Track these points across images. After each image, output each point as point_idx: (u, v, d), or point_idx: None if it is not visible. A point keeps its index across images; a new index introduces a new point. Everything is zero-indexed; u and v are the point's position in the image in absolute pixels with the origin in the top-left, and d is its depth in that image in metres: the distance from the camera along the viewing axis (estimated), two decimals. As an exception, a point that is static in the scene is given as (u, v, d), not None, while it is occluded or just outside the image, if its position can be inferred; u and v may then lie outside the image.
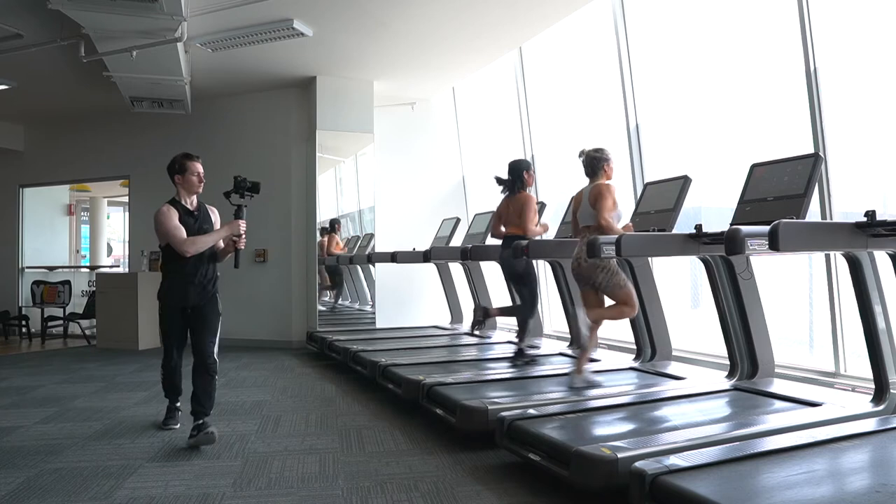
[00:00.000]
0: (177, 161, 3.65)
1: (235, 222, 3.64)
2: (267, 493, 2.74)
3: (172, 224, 3.51)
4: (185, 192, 3.66)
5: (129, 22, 4.77)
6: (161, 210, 3.58)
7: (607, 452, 2.36)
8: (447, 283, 6.88)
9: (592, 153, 3.89)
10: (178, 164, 3.63)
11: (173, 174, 3.64)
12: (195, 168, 3.67)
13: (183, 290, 3.58)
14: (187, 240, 3.51)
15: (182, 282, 3.57)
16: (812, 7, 3.76)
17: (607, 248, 3.36)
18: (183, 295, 3.59)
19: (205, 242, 3.55)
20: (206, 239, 3.56)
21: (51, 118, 8.56)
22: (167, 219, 3.54)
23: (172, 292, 3.62)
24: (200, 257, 3.57)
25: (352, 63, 6.66)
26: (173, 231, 3.50)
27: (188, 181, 3.64)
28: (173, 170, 3.64)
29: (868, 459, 2.43)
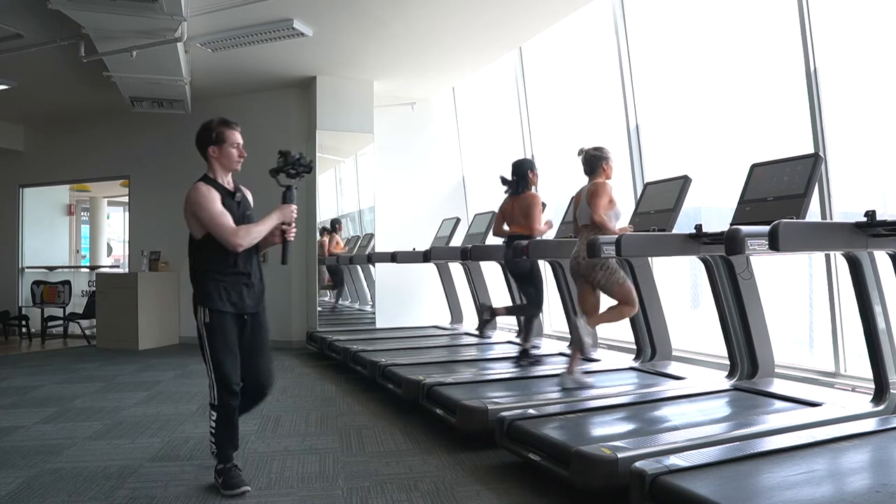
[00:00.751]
0: (212, 128, 2.89)
1: (287, 207, 2.93)
2: (267, 493, 2.74)
3: (217, 209, 2.72)
4: (221, 168, 2.90)
5: (129, 22, 4.77)
6: (198, 189, 2.75)
7: (607, 452, 2.36)
8: (447, 283, 6.88)
9: (592, 152, 3.89)
10: (214, 133, 2.88)
11: (206, 145, 2.89)
12: (234, 138, 2.92)
13: (238, 292, 2.79)
14: (239, 229, 2.73)
15: (234, 282, 2.79)
16: (812, 7, 3.76)
17: (607, 248, 3.36)
18: (239, 298, 2.79)
19: (259, 233, 2.80)
20: (259, 229, 2.81)
21: (51, 118, 8.56)
22: (209, 201, 2.71)
23: (224, 295, 2.77)
24: (249, 251, 2.82)
25: (352, 63, 6.66)
26: (219, 218, 2.70)
27: (226, 154, 2.88)
28: (207, 139, 2.89)
29: (868, 459, 2.43)
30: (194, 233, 2.77)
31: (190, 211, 2.73)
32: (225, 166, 2.91)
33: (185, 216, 2.75)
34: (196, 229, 2.76)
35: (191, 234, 2.79)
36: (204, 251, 2.78)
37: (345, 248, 7.75)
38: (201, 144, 2.91)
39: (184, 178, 8.41)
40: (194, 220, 2.73)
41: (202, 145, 2.91)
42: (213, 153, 2.89)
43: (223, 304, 2.76)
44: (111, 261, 12.60)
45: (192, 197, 2.75)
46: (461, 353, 5.24)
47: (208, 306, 2.76)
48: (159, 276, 7.71)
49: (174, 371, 5.83)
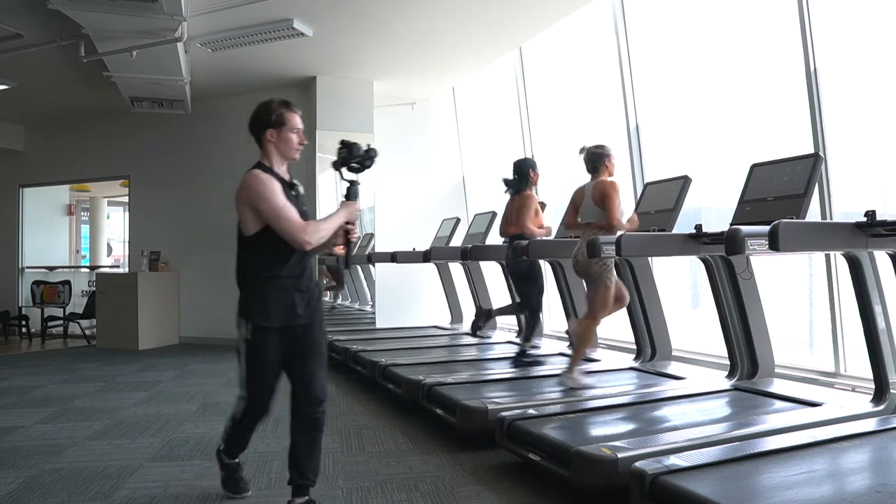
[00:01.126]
0: (272, 109, 2.51)
1: (353, 205, 2.57)
2: (267, 493, 2.74)
3: (282, 201, 2.35)
4: (278, 155, 2.51)
5: (129, 22, 4.76)
6: (258, 177, 2.39)
7: (607, 452, 2.36)
8: (447, 283, 6.88)
9: (593, 150, 3.89)
10: (274, 114, 2.50)
11: (264, 128, 2.50)
12: (295, 122, 2.53)
13: (289, 300, 2.43)
14: (307, 225, 2.36)
15: (285, 289, 2.43)
16: (812, 7, 3.76)
17: (607, 248, 3.36)
18: (290, 308, 2.44)
19: (327, 231, 2.43)
20: (327, 226, 2.43)
21: (51, 118, 8.56)
22: (273, 192, 2.35)
23: (273, 306, 2.43)
24: (305, 252, 2.45)
25: (352, 63, 6.66)
26: (285, 211, 2.34)
27: (285, 140, 2.50)
28: (266, 121, 2.50)
29: (868, 459, 2.43)
30: (246, 227, 2.40)
31: (247, 201, 2.36)
32: (283, 153, 2.51)
33: (238, 207, 2.39)
34: (250, 223, 2.38)
35: (239, 230, 2.43)
36: (256, 250, 2.42)
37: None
38: (258, 127, 2.52)
39: (184, 178, 8.48)
40: (250, 213, 2.37)
41: (259, 127, 2.52)
42: (271, 137, 2.49)
43: (269, 318, 2.42)
44: (111, 261, 12.59)
45: (250, 185, 2.36)
46: (461, 353, 5.24)
47: (251, 321, 2.44)
48: (159, 276, 7.71)
49: (174, 371, 5.82)
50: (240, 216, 2.41)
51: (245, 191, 2.39)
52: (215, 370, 5.85)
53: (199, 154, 7.87)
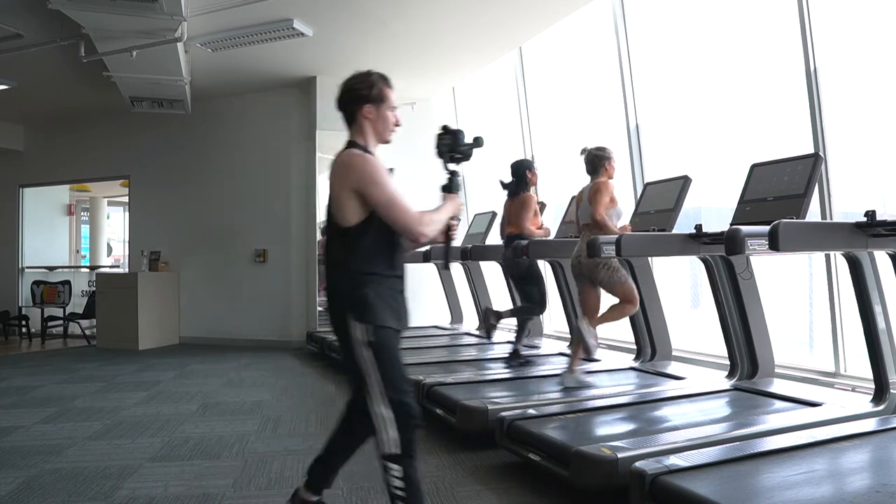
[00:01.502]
0: (372, 82, 2.14)
1: (457, 198, 2.23)
2: (267, 493, 2.74)
3: (394, 187, 2.05)
4: (374, 136, 2.18)
5: (129, 22, 4.76)
6: (366, 157, 2.06)
7: (607, 452, 2.36)
8: (447, 283, 6.88)
9: (594, 151, 3.89)
10: (375, 88, 2.14)
11: (362, 102, 2.12)
12: (393, 99, 2.21)
13: (398, 302, 2.10)
14: (422, 216, 2.04)
15: (393, 290, 2.08)
16: (812, 7, 3.76)
17: (607, 248, 3.36)
18: (401, 312, 2.11)
19: (439, 222, 2.12)
20: (439, 217, 2.12)
21: (51, 118, 8.56)
22: (385, 177, 2.03)
23: (392, 308, 2.06)
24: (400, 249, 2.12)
25: (352, 63, 6.53)
26: (401, 199, 2.03)
27: (384, 118, 2.17)
28: (365, 95, 2.12)
29: (868, 459, 2.43)
30: (347, 216, 2.00)
31: (353, 185, 1.99)
32: (380, 133, 2.18)
33: (337, 191, 2.01)
34: (352, 211, 2.00)
35: (333, 218, 2.05)
36: (359, 243, 2.02)
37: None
38: (354, 100, 2.13)
39: (184, 178, 8.48)
40: (355, 199, 1.99)
41: (355, 101, 2.13)
42: (369, 114, 2.13)
43: (390, 318, 2.03)
44: (111, 261, 12.59)
45: (359, 166, 2.01)
46: (461, 353, 5.24)
47: (372, 321, 1.99)
48: (159, 276, 7.71)
49: (174, 371, 5.83)
50: (338, 203, 2.01)
51: (351, 173, 2.00)
52: (215, 370, 5.85)
53: (199, 154, 7.87)
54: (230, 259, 7.62)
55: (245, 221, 7.56)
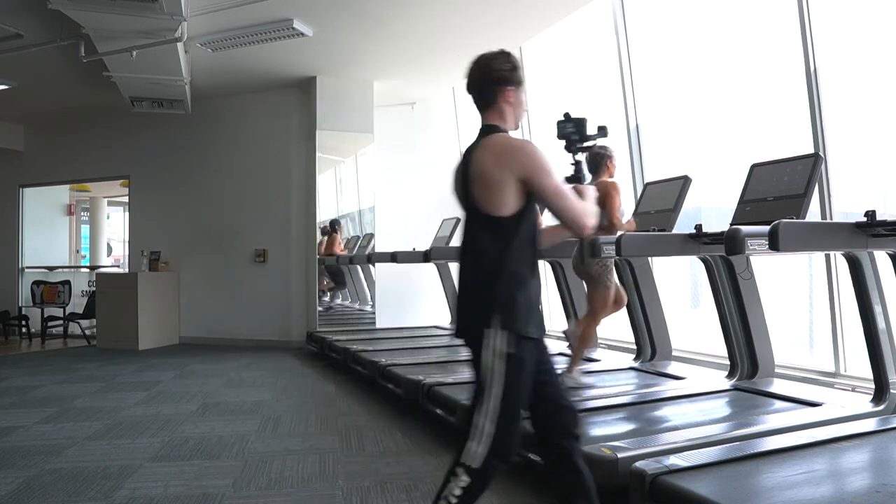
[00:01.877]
0: (514, 63, 1.97)
1: (589, 188, 2.04)
2: (267, 493, 2.74)
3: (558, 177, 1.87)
4: (512, 120, 1.99)
5: (129, 22, 4.76)
6: (534, 144, 1.90)
7: (607, 452, 2.36)
8: (447, 283, 6.88)
9: (596, 150, 3.89)
10: (518, 70, 1.98)
11: (506, 83, 1.94)
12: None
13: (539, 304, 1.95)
14: (586, 207, 1.90)
15: (536, 290, 1.89)
16: (812, 7, 3.76)
17: (607, 248, 3.36)
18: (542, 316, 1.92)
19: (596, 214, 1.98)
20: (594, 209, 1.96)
21: (51, 118, 8.56)
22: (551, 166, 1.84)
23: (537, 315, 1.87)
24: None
25: (352, 63, 6.66)
26: (567, 189, 1.88)
27: (521, 103, 2.00)
28: (508, 77, 1.94)
29: (868, 459, 2.43)
30: (503, 205, 1.80)
31: (522, 171, 1.80)
32: (516, 119, 2.00)
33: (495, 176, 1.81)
34: (511, 200, 1.80)
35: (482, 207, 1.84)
36: (512, 237, 1.82)
37: (345, 249, 7.75)
38: (496, 81, 1.95)
39: (184, 178, 8.48)
40: (517, 187, 1.80)
41: (497, 82, 1.94)
42: (510, 97, 1.95)
43: (532, 326, 1.82)
44: (111, 261, 12.60)
45: (530, 152, 1.83)
46: (461, 353, 5.20)
47: (516, 330, 1.78)
48: (159, 276, 7.71)
49: (174, 371, 5.83)
50: (494, 189, 1.81)
51: (521, 158, 1.82)
52: (215, 370, 5.85)
53: (199, 154, 7.87)
54: (230, 259, 7.62)
55: (245, 221, 7.56)
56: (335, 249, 7.61)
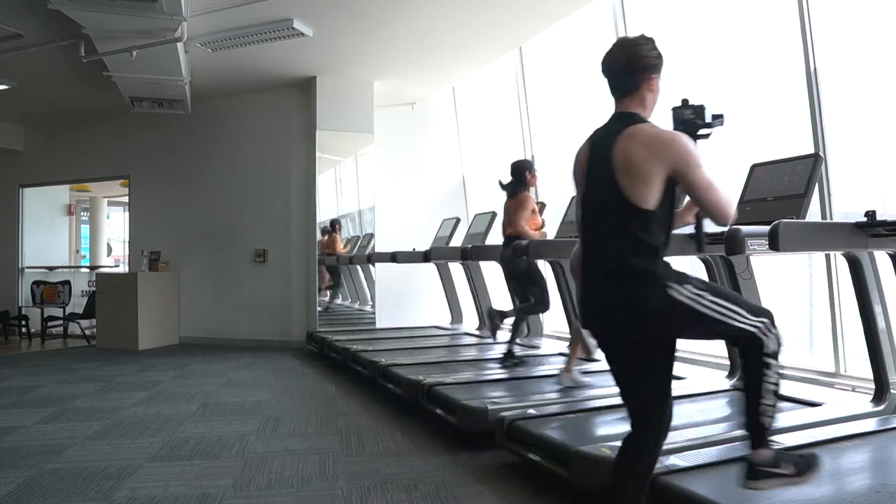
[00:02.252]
0: (659, 50, 1.98)
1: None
2: (267, 493, 2.74)
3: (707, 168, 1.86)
4: (651, 109, 2.02)
5: (129, 22, 4.76)
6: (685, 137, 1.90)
7: (607, 452, 2.36)
8: (447, 283, 6.88)
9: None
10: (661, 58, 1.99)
11: (650, 72, 1.96)
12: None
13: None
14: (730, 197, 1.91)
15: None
16: (812, 7, 3.76)
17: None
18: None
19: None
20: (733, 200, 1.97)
21: (51, 118, 8.56)
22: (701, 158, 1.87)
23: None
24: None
25: (352, 63, 6.66)
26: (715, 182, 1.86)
27: (659, 92, 2.03)
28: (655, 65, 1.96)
29: (868, 459, 2.43)
30: (649, 196, 1.81)
31: (673, 164, 1.81)
32: (653, 108, 2.02)
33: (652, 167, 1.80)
34: (655, 192, 1.81)
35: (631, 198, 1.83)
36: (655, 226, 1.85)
37: (345, 249, 7.75)
38: (643, 68, 1.94)
39: (184, 178, 8.49)
40: (663, 179, 1.81)
41: (644, 69, 1.94)
42: (653, 85, 1.97)
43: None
44: (111, 261, 12.60)
45: (682, 145, 1.84)
46: (461, 353, 5.24)
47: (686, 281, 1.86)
48: (159, 276, 7.71)
49: (174, 371, 5.83)
50: (642, 181, 1.81)
51: (673, 151, 1.82)
52: (215, 370, 5.85)
53: (199, 154, 7.87)
54: (230, 259, 7.62)
55: (245, 221, 7.56)
56: (335, 249, 7.62)
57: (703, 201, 1.85)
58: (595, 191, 1.95)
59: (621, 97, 1.98)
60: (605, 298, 1.93)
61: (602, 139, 1.94)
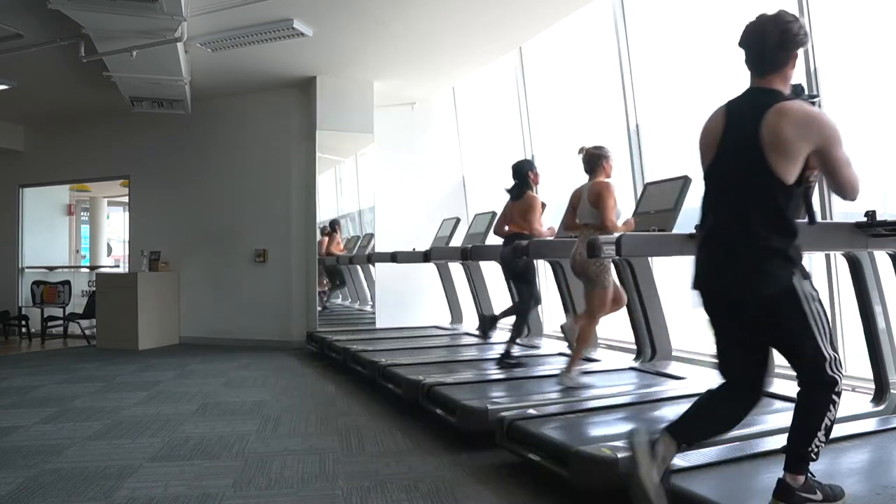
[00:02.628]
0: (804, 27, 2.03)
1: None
2: (267, 493, 2.74)
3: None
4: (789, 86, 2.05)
5: (129, 22, 4.76)
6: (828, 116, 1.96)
7: (607, 452, 2.36)
8: (447, 283, 6.88)
9: (592, 150, 3.90)
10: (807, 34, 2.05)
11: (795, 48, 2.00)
12: None
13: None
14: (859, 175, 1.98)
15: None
16: (812, 7, 3.75)
17: (607, 248, 3.35)
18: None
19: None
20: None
21: (51, 118, 8.56)
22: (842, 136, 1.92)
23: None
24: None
25: (352, 63, 6.66)
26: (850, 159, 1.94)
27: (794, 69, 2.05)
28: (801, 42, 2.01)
29: (868, 460, 2.43)
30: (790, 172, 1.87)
31: (819, 141, 1.87)
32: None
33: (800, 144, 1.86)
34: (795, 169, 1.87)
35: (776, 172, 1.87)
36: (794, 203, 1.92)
37: (345, 249, 7.75)
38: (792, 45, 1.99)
39: (184, 178, 8.49)
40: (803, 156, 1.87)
41: (792, 46, 1.99)
42: (794, 64, 2.02)
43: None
44: (111, 261, 12.60)
45: (829, 123, 1.89)
46: (461, 353, 5.24)
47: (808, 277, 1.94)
48: (159, 276, 7.71)
49: (174, 371, 5.83)
50: (789, 157, 1.86)
51: (821, 129, 1.88)
52: (215, 370, 5.85)
53: (199, 154, 7.87)
54: (230, 259, 7.62)
55: (245, 221, 7.56)
56: (335, 249, 7.61)
57: (842, 178, 1.91)
58: (730, 161, 1.99)
59: (764, 73, 2.01)
60: (729, 268, 1.99)
61: (744, 113, 1.98)
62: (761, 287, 1.92)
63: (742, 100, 2.04)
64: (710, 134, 2.06)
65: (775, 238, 1.89)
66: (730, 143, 1.99)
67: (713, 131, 2.06)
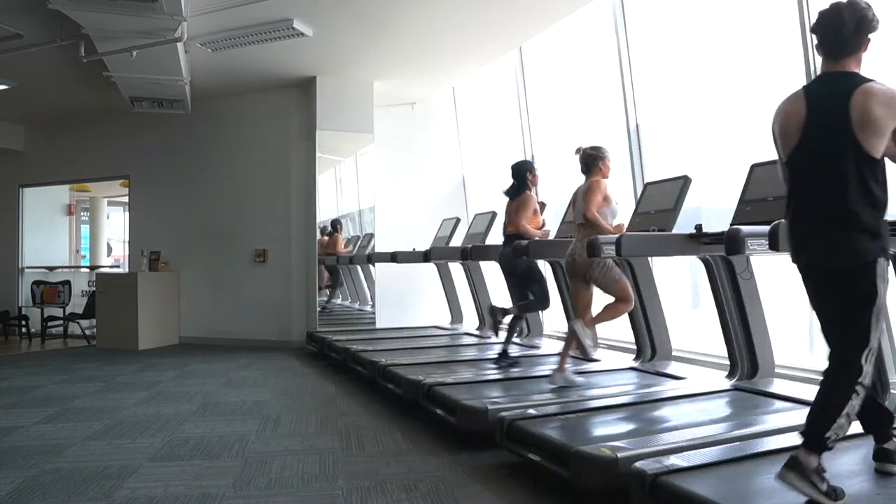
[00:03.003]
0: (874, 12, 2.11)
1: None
2: (267, 493, 2.74)
3: None
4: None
5: (129, 22, 4.76)
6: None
7: (607, 452, 2.36)
8: (447, 283, 6.88)
9: (589, 151, 3.90)
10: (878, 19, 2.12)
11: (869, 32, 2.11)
12: None
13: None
14: None
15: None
16: (812, 7, 3.75)
17: (607, 248, 3.36)
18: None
19: None
20: None
21: (51, 118, 8.56)
22: None
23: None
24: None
25: (352, 63, 6.66)
26: None
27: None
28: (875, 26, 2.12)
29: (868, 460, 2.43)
30: (880, 149, 1.98)
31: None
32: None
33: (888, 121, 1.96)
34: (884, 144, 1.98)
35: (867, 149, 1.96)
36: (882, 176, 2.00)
37: (345, 249, 7.75)
38: (868, 29, 2.10)
39: (184, 178, 8.50)
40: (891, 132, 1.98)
41: (868, 31, 2.10)
42: (865, 48, 2.14)
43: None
44: (111, 261, 12.60)
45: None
46: (461, 353, 5.24)
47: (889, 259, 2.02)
48: (159, 276, 7.71)
49: (174, 371, 5.83)
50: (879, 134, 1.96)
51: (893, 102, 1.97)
52: (215, 370, 5.85)
53: (199, 154, 7.88)
54: (230, 259, 7.62)
55: (245, 221, 7.56)
56: (337, 249, 7.62)
57: None
58: (816, 141, 2.05)
59: (841, 57, 2.10)
60: (822, 240, 2.06)
61: (826, 95, 2.06)
62: (846, 258, 1.99)
63: (821, 83, 2.13)
64: (793, 118, 2.11)
65: (866, 211, 1.96)
66: (814, 124, 2.06)
67: (796, 115, 2.10)
